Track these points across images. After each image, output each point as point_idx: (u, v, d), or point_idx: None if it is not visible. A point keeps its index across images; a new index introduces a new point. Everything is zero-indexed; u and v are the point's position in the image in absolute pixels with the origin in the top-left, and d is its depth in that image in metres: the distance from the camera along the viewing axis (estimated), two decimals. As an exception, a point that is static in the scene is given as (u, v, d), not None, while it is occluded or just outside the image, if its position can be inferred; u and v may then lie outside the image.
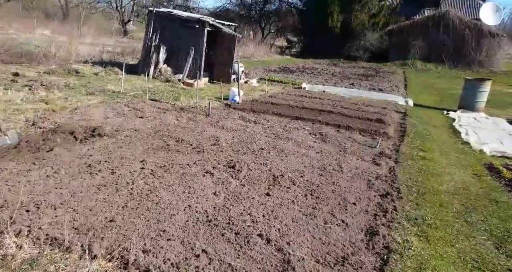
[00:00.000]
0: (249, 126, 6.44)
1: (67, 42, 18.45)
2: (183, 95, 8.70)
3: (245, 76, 13.39)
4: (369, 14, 29.23)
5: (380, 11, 29.22)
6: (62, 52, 12.57)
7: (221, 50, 11.79)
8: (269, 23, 39.62)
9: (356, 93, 12.12)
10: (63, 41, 20.54)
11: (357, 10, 28.99)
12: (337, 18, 28.91)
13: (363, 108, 9.20)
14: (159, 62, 11.16)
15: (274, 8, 38.23)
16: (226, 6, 43.66)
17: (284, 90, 11.95)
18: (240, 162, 4.34)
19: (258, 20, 38.43)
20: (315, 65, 23.88)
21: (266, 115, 7.71)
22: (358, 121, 7.75)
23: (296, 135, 6.10)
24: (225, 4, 50.53)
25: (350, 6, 28.65)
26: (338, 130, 6.88)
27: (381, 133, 6.82)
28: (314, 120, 7.45)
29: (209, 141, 5.20)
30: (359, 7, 28.93)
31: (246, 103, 8.75)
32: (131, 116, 6.18)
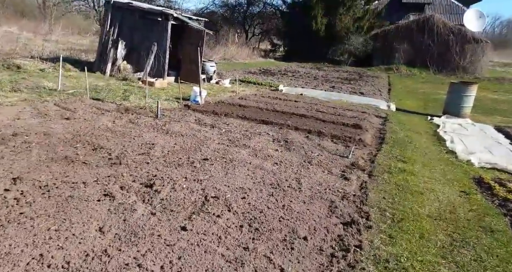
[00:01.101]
0: (202, 131, 5.46)
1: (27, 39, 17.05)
2: (136, 94, 7.66)
3: (217, 76, 12.44)
4: (353, 18, 28.84)
5: (364, 15, 28.88)
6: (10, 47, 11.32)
7: (188, 47, 10.80)
8: (253, 25, 38.94)
9: (336, 97, 11.33)
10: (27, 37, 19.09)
11: (341, 13, 28.55)
12: (321, 22, 28.40)
13: (340, 112, 8.37)
14: (117, 58, 10.07)
15: (258, 10, 37.60)
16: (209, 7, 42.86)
17: (258, 92, 11.05)
18: (165, 178, 3.35)
19: (242, 23, 37.68)
20: (298, 68, 23.21)
21: (228, 118, 6.75)
22: (332, 126, 6.88)
23: (255, 142, 5.15)
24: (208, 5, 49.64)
25: (335, 9, 28.20)
26: (307, 136, 5.98)
27: (356, 140, 5.96)
28: (282, 125, 6.53)
29: (139, 149, 4.19)
30: (344, 10, 28.50)
31: (209, 105, 7.78)
32: (54, 117, 5.11)
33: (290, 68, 22.71)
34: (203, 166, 3.87)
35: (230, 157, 4.27)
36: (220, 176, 3.65)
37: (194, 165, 3.86)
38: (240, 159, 4.28)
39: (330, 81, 16.21)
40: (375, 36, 27.91)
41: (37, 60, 10.06)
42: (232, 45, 27.19)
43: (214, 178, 3.55)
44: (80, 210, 2.51)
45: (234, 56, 26.01)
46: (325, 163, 4.62)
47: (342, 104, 9.85)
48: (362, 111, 8.92)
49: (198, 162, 3.98)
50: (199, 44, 10.58)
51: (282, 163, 4.37)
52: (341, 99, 10.89)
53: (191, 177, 3.51)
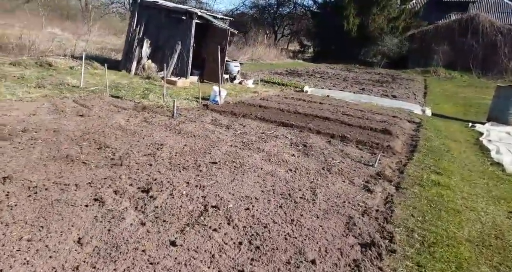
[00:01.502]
0: (216, 132, 5.19)
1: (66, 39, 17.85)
2: (156, 93, 7.57)
3: (241, 76, 12.21)
4: (388, 18, 27.59)
5: (400, 14, 27.52)
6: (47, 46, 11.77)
7: (212, 46, 10.63)
8: (283, 26, 38.54)
9: (366, 99, 10.69)
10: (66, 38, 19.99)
11: (375, 13, 27.42)
12: (353, 22, 27.44)
13: (368, 116, 7.80)
14: (142, 57, 10.13)
15: (288, 11, 37.14)
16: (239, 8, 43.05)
17: (282, 93, 10.68)
18: (165, 183, 3.08)
19: (271, 23, 37.40)
20: (327, 69, 22.51)
21: (246, 119, 6.45)
22: (358, 130, 6.37)
23: (271, 145, 4.80)
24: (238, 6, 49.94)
25: (368, 9, 27.12)
26: (329, 141, 5.53)
27: (384, 147, 5.42)
28: (302, 128, 6.13)
29: (146, 149, 3.98)
30: (378, 10, 27.34)
31: (229, 105, 7.53)
32: (69, 114, 5.06)
33: (318, 69, 22.08)
34: (209, 170, 3.57)
35: (240, 161, 3.95)
36: (226, 182, 3.34)
37: (200, 168, 3.58)
38: (251, 164, 3.95)
39: (360, 83, 15.47)
40: (411, 37, 26.52)
41: (68, 59, 10.34)
42: (260, 46, 26.96)
43: (218, 185, 3.25)
44: (62, 217, 2.29)
45: (261, 57, 25.79)
46: (346, 172, 4.17)
47: (372, 108, 9.24)
48: (393, 115, 8.28)
49: (205, 166, 3.69)
50: (223, 44, 10.39)
51: (298, 170, 3.98)
52: (371, 102, 10.24)
53: (194, 182, 3.23)
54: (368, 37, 27.56)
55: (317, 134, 5.86)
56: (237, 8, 41.37)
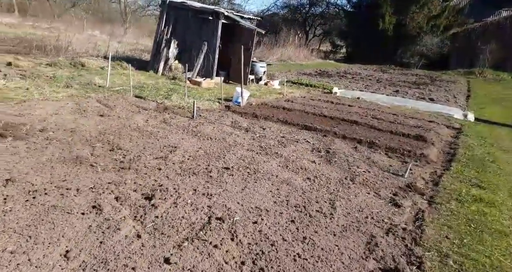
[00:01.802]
0: (234, 135, 4.99)
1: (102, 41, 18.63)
2: (179, 94, 7.53)
3: (267, 77, 11.97)
4: (428, 16, 26.08)
5: (442, 12, 25.89)
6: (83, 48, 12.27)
7: (238, 47, 10.46)
8: (314, 26, 37.83)
9: (399, 102, 10.04)
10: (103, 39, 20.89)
11: (414, 11, 26.05)
12: (389, 20, 26.27)
13: (401, 120, 7.24)
14: (169, 57, 10.20)
15: (321, 11, 36.37)
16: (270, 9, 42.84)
17: (309, 94, 10.30)
18: (170, 190, 2.91)
19: (303, 24, 36.82)
20: (360, 70, 21.68)
21: (267, 121, 6.20)
22: (388, 136, 5.90)
23: (290, 151, 4.51)
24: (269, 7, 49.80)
25: (406, 7, 25.81)
26: (355, 147, 5.13)
27: (417, 155, 4.94)
28: (327, 132, 5.77)
29: (159, 152, 3.85)
30: (417, 8, 25.93)
31: (251, 107, 7.32)
32: (90, 114, 5.08)
33: (350, 70, 21.33)
34: (220, 176, 3.36)
35: (255, 168, 3.71)
36: (236, 190, 3.11)
37: (211, 174, 3.38)
38: (266, 170, 3.69)
39: (394, 85, 14.67)
40: (454, 36, 24.89)
41: (100, 59, 10.66)
42: (289, 46, 26.59)
43: (227, 193, 3.02)
44: (55, 226, 2.17)
45: (290, 58, 25.43)
46: (371, 182, 3.79)
47: (405, 111, 8.62)
48: (429, 120, 7.64)
49: (216, 171, 3.49)
50: (249, 44, 10.22)
51: (317, 179, 3.66)
52: (405, 105, 9.59)
53: (202, 189, 3.03)
54: (405, 37, 26.25)
55: (342, 139, 5.48)
56: (268, 9, 41.21)
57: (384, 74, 20.48)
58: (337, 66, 24.37)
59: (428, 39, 25.21)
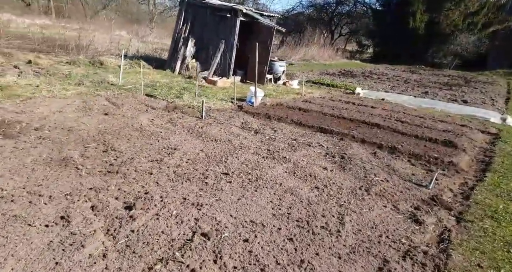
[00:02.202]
0: (241, 136, 4.67)
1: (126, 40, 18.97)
2: (191, 93, 7.32)
3: (286, 77, 11.57)
4: (465, 13, 24.50)
5: (481, 8, 24.20)
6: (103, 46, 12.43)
7: (256, 45, 10.17)
8: (340, 25, 36.84)
9: (428, 104, 9.33)
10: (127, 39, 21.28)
11: (448, 8, 24.58)
12: (421, 18, 24.98)
13: (429, 124, 6.64)
14: (186, 56, 10.06)
15: (348, 9, 35.36)
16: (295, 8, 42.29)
17: (329, 94, 9.82)
18: (156, 198, 2.63)
19: (328, 23, 35.95)
20: (387, 70, 20.75)
21: (280, 123, 5.83)
22: (413, 141, 5.36)
23: (301, 155, 4.13)
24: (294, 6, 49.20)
25: (440, 4, 24.40)
26: (374, 152, 4.66)
27: (445, 163, 4.41)
28: (344, 135, 5.32)
29: (155, 154, 3.61)
30: (452, 4, 24.45)
31: (265, 107, 6.98)
32: (95, 112, 4.96)
33: (376, 70, 20.45)
34: (217, 183, 3.05)
35: (258, 174, 3.37)
36: (231, 200, 2.79)
37: (207, 181, 3.08)
38: (270, 177, 3.34)
39: (424, 86, 13.80)
40: (494, 34, 23.25)
41: (120, 58, 10.69)
42: (313, 46, 25.98)
43: (221, 203, 2.71)
44: (8, 240, 1.92)
45: (314, 57, 24.84)
46: (390, 193, 3.35)
47: (434, 114, 7.95)
48: (461, 124, 6.97)
49: (213, 177, 3.18)
50: (268, 42, 9.88)
51: (326, 188, 3.27)
52: (434, 108, 8.89)
53: (192, 198, 2.74)
54: (438, 35, 24.86)
55: (360, 144, 5.02)
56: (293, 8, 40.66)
57: (413, 74, 19.47)
58: (363, 66, 23.51)
59: (463, 38, 23.73)
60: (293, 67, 19.70)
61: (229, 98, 7.44)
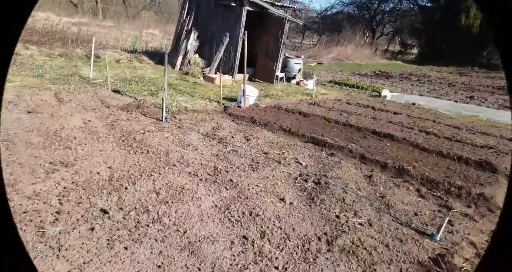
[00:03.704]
0: (192, 147, 3.66)
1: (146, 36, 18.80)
2: (175, 90, 6.48)
3: (303, 76, 10.36)
4: (527, 7, 21.43)
5: (547, 1, 21.05)
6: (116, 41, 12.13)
7: (266, 39, 9.12)
8: (383, 24, 34.43)
9: (470, 111, 7.67)
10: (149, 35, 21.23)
11: (508, 1, 21.63)
12: (475, 15, 22.29)
13: (464, 136, 5.17)
14: (188, 50, 9.28)
15: (392, 6, 32.93)
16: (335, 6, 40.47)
17: (348, 97, 8.50)
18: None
19: (369, 21, 33.75)
20: (431, 72, 18.65)
21: (263, 129, 4.75)
22: (434, 160, 4.02)
23: (259, 178, 3.04)
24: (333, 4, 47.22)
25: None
26: (370, 175, 3.42)
27: (472, 196, 3.08)
28: (339, 149, 4.12)
29: (25, 174, 2.69)
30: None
31: (257, 109, 5.92)
32: (21, 108, 4.23)
33: (418, 71, 18.42)
34: (63, 235, 2.02)
35: (161, 211, 2.33)
36: (75, 265, 1.78)
37: (47, 228, 2.06)
38: (178, 217, 2.30)
39: (471, 90, 11.86)
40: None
41: (126, 53, 10.20)
42: (348, 45, 24.30)
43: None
44: None
45: (348, 57, 23.21)
46: (368, 248, 2.16)
47: (476, 123, 6.37)
48: (509, 137, 5.38)
49: (78, 216, 2.20)
50: (279, 35, 8.79)
51: (261, 241, 2.16)
52: (477, 115, 7.23)
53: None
54: (494, 33, 21.93)
55: (357, 161, 3.80)
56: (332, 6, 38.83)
57: (461, 77, 17.25)
58: (403, 67, 21.46)
59: (526, 36, 20.68)
60: (321, 66, 18.31)
61: (218, 98, 6.46)
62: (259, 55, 9.39)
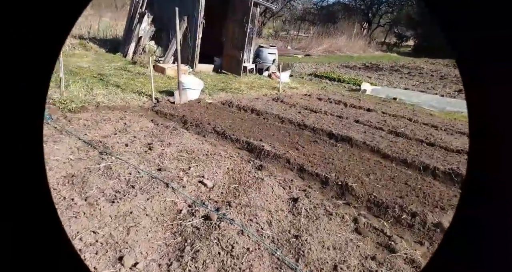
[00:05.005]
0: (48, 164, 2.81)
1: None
2: (102, 82, 5.63)
3: (278, 68, 9.47)
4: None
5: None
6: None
7: (232, 26, 8.23)
8: (379, 15, 33.37)
9: (456, 107, 6.85)
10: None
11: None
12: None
13: (438, 138, 4.35)
14: (141, 36, 8.36)
15: (390, -4, 31.85)
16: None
17: (322, 91, 7.68)
18: None
19: (365, 12, 32.70)
20: (425, 65, 17.79)
21: (188, 133, 3.93)
22: (393, 172, 3.21)
23: (103, 216, 2.21)
24: (330, -7, 46.26)
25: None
26: (297, 197, 2.58)
27: (428, 226, 2.28)
28: (275, 158, 3.31)
29: None
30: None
31: (197, 105, 5.09)
32: None
33: (412, 64, 17.56)
34: None
35: None
36: None
37: None
38: None
39: (463, 83, 11.00)
40: None
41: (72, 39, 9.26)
42: (341, 37, 23.35)
43: None
44: None
45: (340, 49, 22.32)
46: None
47: (458, 121, 5.55)
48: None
49: None
50: (244, 20, 7.89)
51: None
52: (462, 112, 6.41)
53: None
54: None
55: (290, 176, 2.98)
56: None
57: (455, 69, 16.34)
58: (398, 59, 20.60)
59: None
60: (309, 58, 17.42)
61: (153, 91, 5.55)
62: (224, 44, 8.52)
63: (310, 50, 20.59)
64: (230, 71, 8.47)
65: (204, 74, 8.02)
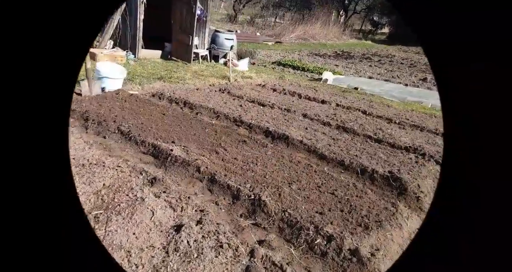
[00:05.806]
0: None
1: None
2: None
3: (235, 55, 8.82)
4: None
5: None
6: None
7: (179, 8, 7.49)
8: (355, 1, 32.96)
9: (417, 97, 6.46)
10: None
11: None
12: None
13: (388, 133, 3.90)
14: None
15: (364, -19, 31.43)
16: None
17: (278, 81, 7.10)
18: None
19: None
20: (397, 52, 17.63)
21: (81, 133, 3.28)
22: (321, 177, 2.70)
23: None
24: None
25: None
26: (181, 224, 2.01)
27: (343, 254, 1.76)
28: (183, 165, 2.74)
29: None
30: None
31: (110, 98, 4.38)
32: None
33: (384, 51, 17.32)
34: None
35: None
36: None
37: None
38: None
39: (429, 71, 10.73)
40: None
41: None
42: (315, 24, 22.78)
43: None
44: None
45: (314, 36, 21.77)
46: None
47: (414, 113, 5.14)
48: (443, 132, 4.15)
49: None
50: (191, 2, 7.16)
51: None
52: (421, 102, 6.03)
53: None
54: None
55: (196, 188, 2.42)
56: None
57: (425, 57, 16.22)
58: (372, 47, 20.36)
59: None
60: (280, 45, 16.79)
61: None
62: (173, 27, 7.77)
63: (282, 37, 19.93)
64: (180, 58, 7.77)
65: (149, 61, 7.29)
